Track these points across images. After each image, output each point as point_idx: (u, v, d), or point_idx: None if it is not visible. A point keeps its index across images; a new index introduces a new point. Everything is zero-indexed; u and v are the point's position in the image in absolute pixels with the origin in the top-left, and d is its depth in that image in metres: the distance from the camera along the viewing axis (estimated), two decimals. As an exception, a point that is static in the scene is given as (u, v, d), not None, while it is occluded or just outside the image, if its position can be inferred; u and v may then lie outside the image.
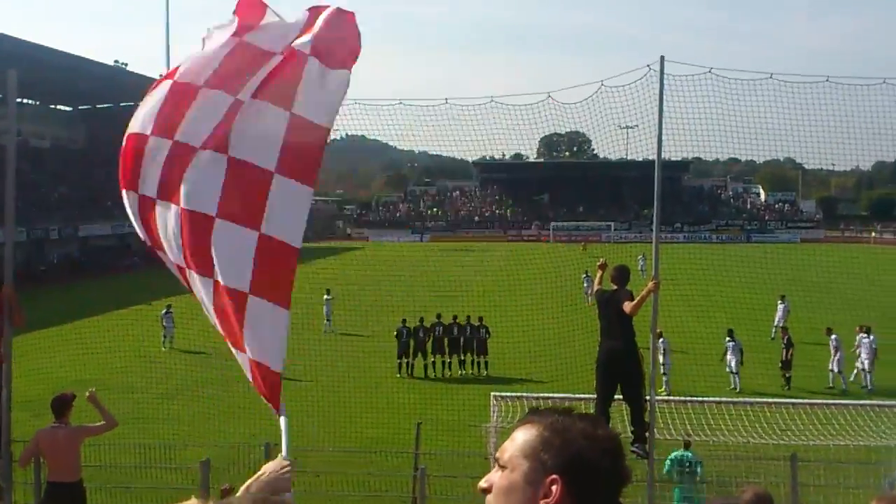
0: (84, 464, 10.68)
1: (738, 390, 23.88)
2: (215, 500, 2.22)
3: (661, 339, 23.27)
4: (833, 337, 25.21)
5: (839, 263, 37.37)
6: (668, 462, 12.91)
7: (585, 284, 39.07)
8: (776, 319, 31.49)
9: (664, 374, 23.42)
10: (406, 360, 27.22)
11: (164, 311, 31.94)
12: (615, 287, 9.62)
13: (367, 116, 20.82)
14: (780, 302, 32.33)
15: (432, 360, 27.54)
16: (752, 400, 16.37)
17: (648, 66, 10.13)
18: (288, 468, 3.08)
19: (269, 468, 3.05)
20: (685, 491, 12.75)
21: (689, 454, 12.92)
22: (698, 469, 12.99)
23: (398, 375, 26.84)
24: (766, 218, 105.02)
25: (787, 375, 24.59)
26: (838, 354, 24.85)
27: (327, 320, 34.17)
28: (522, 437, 1.98)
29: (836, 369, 24.91)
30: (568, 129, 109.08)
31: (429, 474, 11.37)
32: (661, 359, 23.19)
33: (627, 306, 9.07)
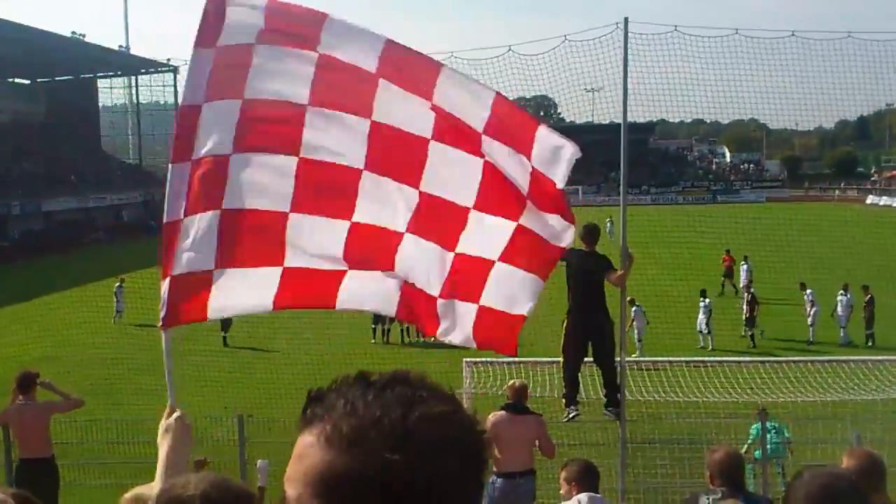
0: (56, 440, 10.60)
1: (709, 349, 24.18)
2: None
3: (634, 308, 23.45)
4: (808, 291, 25.65)
5: (804, 223, 37.82)
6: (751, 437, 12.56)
7: None
8: (741, 280, 31.90)
9: (639, 339, 23.55)
10: (382, 326, 27.17)
11: (116, 285, 31.64)
12: (586, 248, 9.51)
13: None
14: (743, 263, 32.75)
15: (407, 325, 27.54)
16: (722, 359, 16.57)
17: (616, 24, 10.07)
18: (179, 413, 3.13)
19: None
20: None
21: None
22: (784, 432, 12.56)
23: (372, 342, 26.83)
24: (732, 178, 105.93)
25: (750, 333, 24.96)
26: (814, 308, 25.27)
27: None
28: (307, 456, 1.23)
29: (810, 322, 25.41)
30: (534, 94, 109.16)
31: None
32: (635, 324, 23.42)
33: (614, 278, 9.03)
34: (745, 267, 32.53)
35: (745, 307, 25.55)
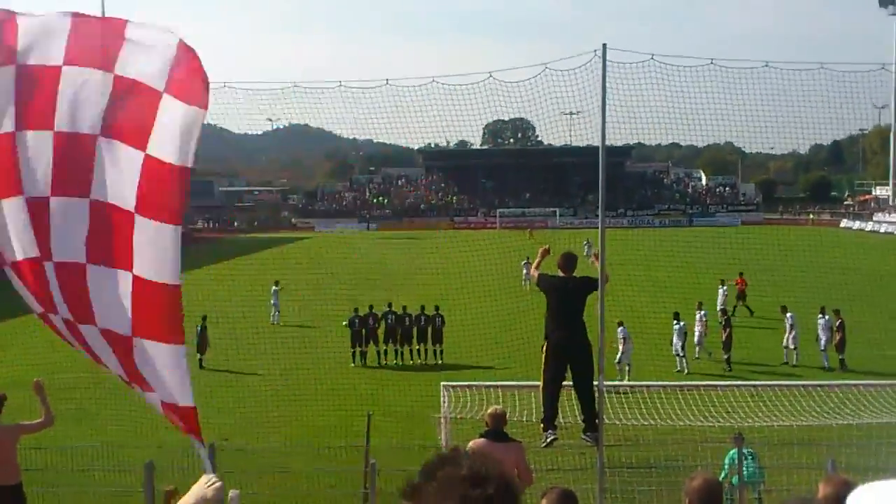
0: (24, 467, 10.39)
1: (685, 372, 24.23)
2: None
3: (620, 328, 23.55)
4: (788, 315, 25.82)
5: (779, 246, 38.17)
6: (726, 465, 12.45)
7: (525, 271, 39.23)
8: (718, 303, 32.01)
9: (626, 362, 23.54)
10: (360, 349, 27.14)
11: None
12: (563, 274, 9.63)
13: (308, 103, 20.51)
14: (720, 286, 32.93)
15: (384, 348, 27.53)
16: (698, 383, 16.60)
17: (594, 51, 10.12)
18: (215, 480, 3.05)
19: (195, 489, 3.03)
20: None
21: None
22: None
23: (352, 365, 26.72)
24: (708, 202, 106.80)
25: (726, 357, 25.07)
26: (794, 332, 25.43)
27: (276, 311, 33.82)
28: None
29: (791, 346, 25.49)
30: (512, 116, 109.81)
31: (380, 469, 11.27)
32: (620, 347, 23.52)
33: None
34: (721, 290, 32.72)
35: (722, 331, 25.61)
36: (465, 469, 1.86)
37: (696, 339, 25.97)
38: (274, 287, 34.23)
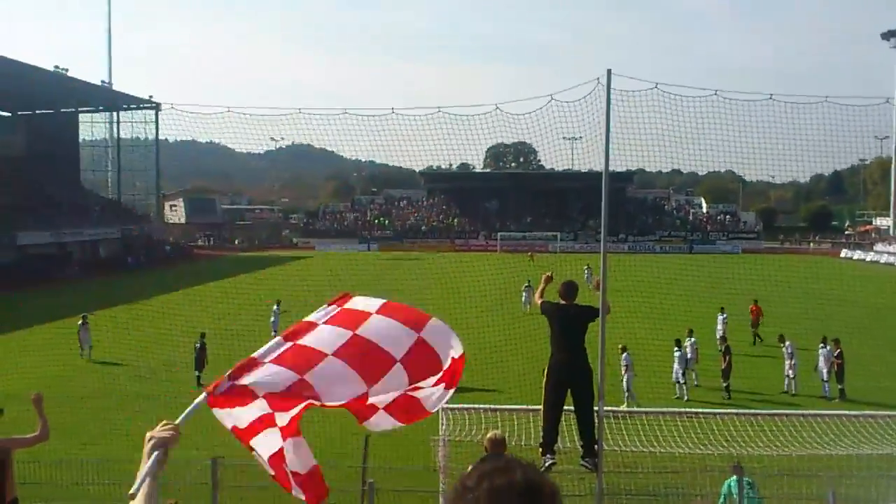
0: (20, 481, 10.34)
1: (684, 399, 24.15)
2: None
3: (624, 355, 23.54)
4: (787, 344, 25.80)
5: (780, 275, 38.18)
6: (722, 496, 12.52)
7: (525, 295, 39.30)
8: (718, 331, 31.92)
9: (624, 390, 23.49)
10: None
11: (80, 322, 31.28)
12: (564, 302, 9.75)
13: (313, 125, 20.70)
14: (720, 314, 32.87)
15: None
16: (697, 410, 16.51)
17: (598, 79, 10.19)
18: (169, 426, 3.09)
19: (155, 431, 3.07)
20: None
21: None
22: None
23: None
24: (708, 229, 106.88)
25: (725, 385, 25.00)
26: (793, 360, 25.39)
27: (274, 332, 33.63)
28: None
29: (791, 374, 25.46)
30: (514, 140, 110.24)
31: (377, 489, 11.23)
32: (623, 374, 23.58)
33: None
34: (721, 318, 32.66)
35: (722, 358, 25.55)
36: (518, 476, 1.84)
37: (685, 364, 25.81)
38: (275, 307, 34.20)
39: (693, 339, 26.62)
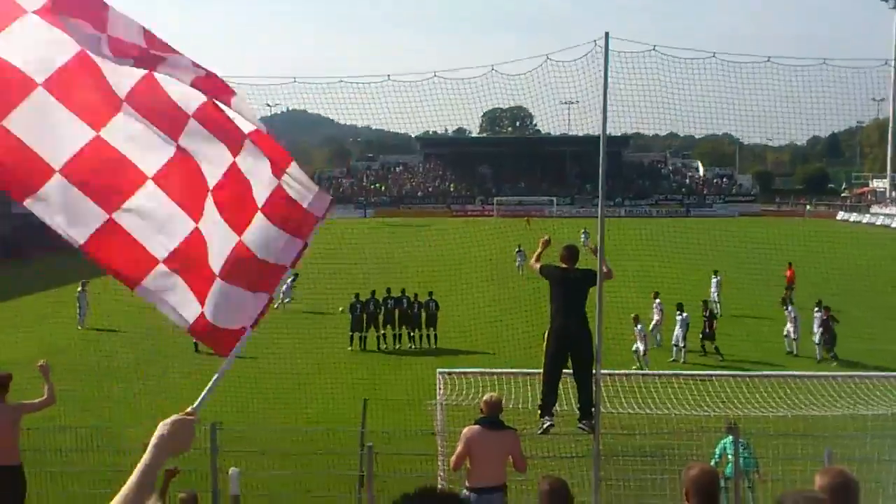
0: (22, 448, 10.40)
1: (682, 363, 24.29)
2: None
3: (638, 326, 23.70)
4: (789, 307, 25.99)
5: (776, 239, 38.20)
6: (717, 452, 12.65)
7: (519, 259, 39.66)
8: (711, 294, 31.95)
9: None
10: (359, 334, 27.25)
11: (79, 289, 31.15)
12: (565, 266, 9.78)
13: (308, 92, 20.57)
14: (713, 276, 32.94)
15: (383, 332, 27.67)
16: (694, 373, 16.63)
17: (595, 41, 10.10)
18: (190, 416, 3.04)
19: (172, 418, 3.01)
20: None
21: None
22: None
23: (349, 349, 26.78)
24: (705, 192, 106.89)
25: (715, 346, 25.17)
26: (796, 323, 25.54)
27: (287, 299, 32.94)
28: None
29: (793, 335, 25.69)
30: (510, 105, 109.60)
31: (376, 452, 11.32)
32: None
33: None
34: (714, 280, 32.72)
35: (705, 322, 25.59)
36: None
37: (651, 327, 26.13)
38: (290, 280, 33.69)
39: (658, 301, 27.16)
